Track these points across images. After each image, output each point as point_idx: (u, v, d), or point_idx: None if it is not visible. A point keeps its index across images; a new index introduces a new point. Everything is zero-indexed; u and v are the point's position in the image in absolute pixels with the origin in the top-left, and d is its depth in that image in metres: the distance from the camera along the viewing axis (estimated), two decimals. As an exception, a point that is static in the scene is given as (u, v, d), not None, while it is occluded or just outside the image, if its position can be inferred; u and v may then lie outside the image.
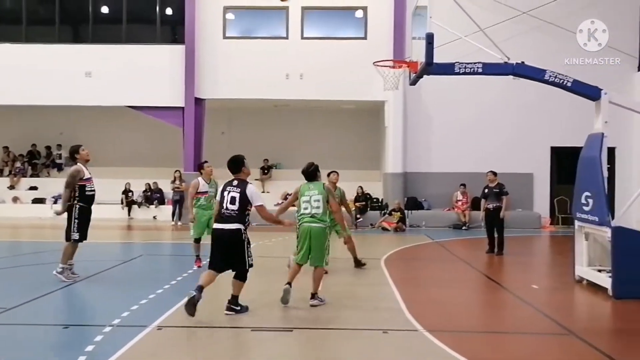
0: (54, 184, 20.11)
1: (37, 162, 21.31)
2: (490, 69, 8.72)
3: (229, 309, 6.49)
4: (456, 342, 5.49)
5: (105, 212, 17.08)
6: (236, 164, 6.65)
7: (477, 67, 8.54)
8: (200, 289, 6.22)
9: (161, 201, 18.97)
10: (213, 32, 18.14)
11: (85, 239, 8.25)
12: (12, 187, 20.23)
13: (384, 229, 16.25)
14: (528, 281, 8.97)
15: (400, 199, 17.35)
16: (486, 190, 11.86)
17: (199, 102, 18.16)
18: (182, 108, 17.99)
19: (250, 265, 6.51)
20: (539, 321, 6.57)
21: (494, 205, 11.57)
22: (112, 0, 19.09)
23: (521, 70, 8.60)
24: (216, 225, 6.46)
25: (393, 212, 16.68)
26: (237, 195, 6.39)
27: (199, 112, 18.21)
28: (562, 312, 7.09)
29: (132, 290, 7.76)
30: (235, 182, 6.56)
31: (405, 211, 17.06)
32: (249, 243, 6.49)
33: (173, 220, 17.49)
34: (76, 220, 8.10)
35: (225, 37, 18.23)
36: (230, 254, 6.39)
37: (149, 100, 18.08)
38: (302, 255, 7.16)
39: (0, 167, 21.04)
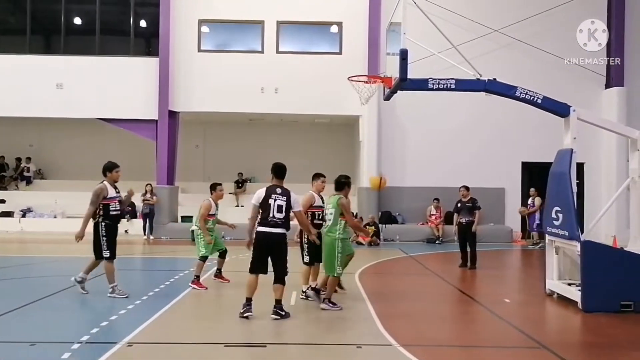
0: (22, 197, 19.68)
1: (4, 174, 20.79)
2: (463, 85, 8.87)
3: (275, 313, 6.79)
4: (430, 356, 5.51)
5: (76, 225, 16.67)
6: (283, 171, 7.15)
7: (451, 83, 8.68)
8: (249, 302, 6.86)
9: (133, 215, 18.66)
10: (188, 45, 18.05)
11: (115, 257, 8.11)
12: (-22, 200, 19.66)
13: (359, 243, 16.22)
14: (500, 295, 9.07)
15: (375, 213, 17.42)
16: (459, 205, 12.01)
17: (172, 115, 18.00)
18: (156, 121, 17.80)
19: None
20: (512, 335, 6.63)
21: (467, 219, 11.71)
22: (85, 12, 18.88)
23: (493, 87, 8.76)
24: (264, 229, 6.84)
25: (367, 226, 16.70)
26: (284, 204, 6.88)
27: (172, 125, 18.05)
28: (534, 325, 7.17)
29: (102, 306, 7.59)
30: (279, 190, 6.98)
31: (380, 225, 17.13)
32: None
33: (144, 234, 17.22)
34: (104, 238, 8.04)
35: (200, 50, 18.15)
36: (275, 257, 6.90)
37: (122, 112, 17.84)
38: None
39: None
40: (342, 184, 7.88)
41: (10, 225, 18.27)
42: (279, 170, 7.12)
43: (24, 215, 18.84)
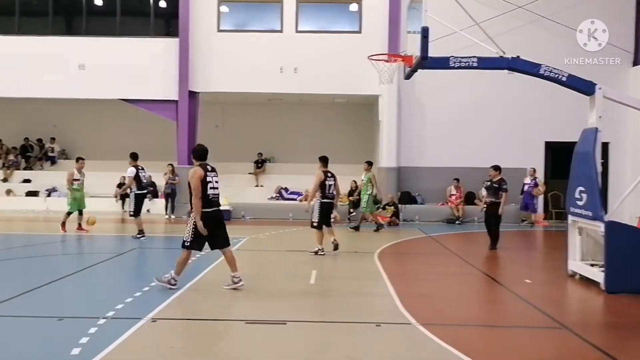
0: (47, 177, 20.03)
1: (30, 155, 21.17)
2: (486, 63, 8.73)
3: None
4: (450, 335, 5.52)
5: (100, 205, 17.01)
6: (328, 159, 10.62)
7: (472, 62, 8.55)
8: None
9: (154, 195, 18.88)
10: (207, 25, 18.02)
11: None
12: (5, 180, 20.09)
13: (378, 223, 16.24)
14: (521, 275, 9.03)
15: (394, 193, 17.37)
16: (487, 184, 11.85)
17: (192, 95, 18.07)
18: (176, 101, 17.90)
19: None
20: (532, 315, 6.61)
21: (491, 200, 11.59)
22: (106, -8, 18.95)
23: (516, 65, 8.60)
24: (327, 200, 10.37)
25: (387, 207, 16.70)
26: (334, 183, 10.58)
27: (192, 105, 18.13)
28: (555, 306, 7.13)
29: (126, 283, 7.75)
30: (329, 174, 10.47)
31: (399, 205, 17.09)
32: None
33: (166, 213, 17.43)
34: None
35: (219, 30, 18.11)
36: (329, 215, 10.63)
37: (143, 93, 17.98)
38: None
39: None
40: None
41: (36, 204, 18.65)
42: (325, 159, 10.54)
43: (49, 195, 19.18)
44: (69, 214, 12.84)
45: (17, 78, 17.87)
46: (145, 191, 13.00)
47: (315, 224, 10.40)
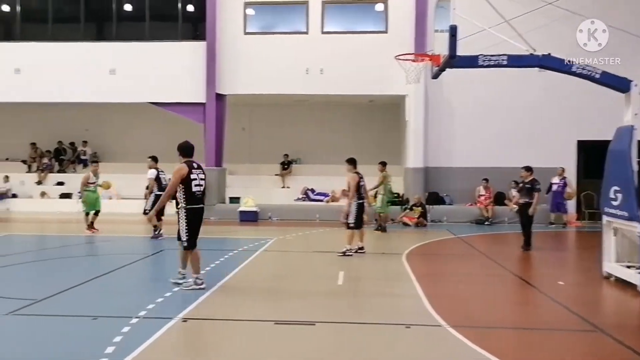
0: (80, 179, 20.43)
1: (63, 158, 21.68)
2: (516, 61, 8.59)
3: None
4: (481, 338, 5.44)
5: (129, 206, 17.32)
6: (356, 161, 10.76)
7: (502, 60, 8.43)
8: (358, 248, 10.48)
9: (183, 196, 19.13)
10: (234, 28, 18.18)
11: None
12: (39, 183, 20.62)
13: (405, 224, 16.16)
14: (554, 277, 8.85)
15: (421, 193, 17.23)
16: (520, 184, 11.73)
17: (220, 97, 18.25)
18: (204, 104, 18.10)
19: None
20: (566, 317, 6.47)
21: (524, 200, 11.43)
22: (135, -2, 19.29)
23: (548, 62, 8.45)
24: (361, 201, 10.52)
25: (414, 207, 16.57)
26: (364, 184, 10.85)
27: (220, 107, 18.31)
28: (589, 308, 6.97)
29: (157, 283, 7.86)
30: (360, 175, 10.58)
31: (427, 206, 16.94)
32: None
33: (194, 214, 17.61)
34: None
35: (245, 33, 18.25)
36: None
37: (171, 96, 18.23)
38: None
39: (28, 163, 21.44)
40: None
41: (70, 206, 19.08)
42: (353, 161, 10.68)
43: (81, 197, 19.58)
44: (87, 214, 13.53)
45: (50, 84, 18.33)
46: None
47: (352, 225, 10.42)
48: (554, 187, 16.44)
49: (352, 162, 10.66)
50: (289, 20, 18.78)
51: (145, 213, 12.45)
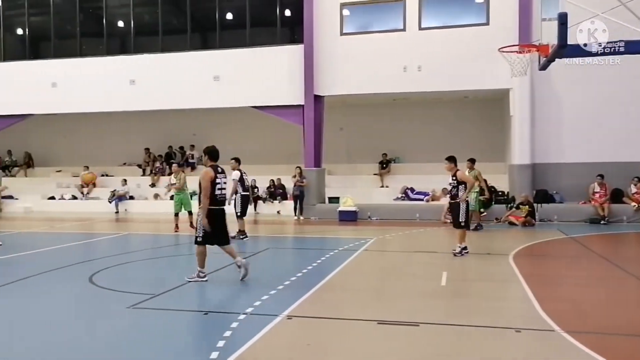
0: (188, 182, 21.68)
1: (173, 161, 23.11)
2: (635, 47, 7.94)
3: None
4: (600, 345, 5.06)
5: (228, 208, 18.02)
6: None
7: (619, 46, 7.83)
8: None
9: (284, 197, 19.67)
10: (330, 30, 18.38)
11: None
12: (153, 185, 22.16)
13: (511, 223, 15.44)
14: (683, 281, 8.04)
15: (529, 191, 16.37)
16: None
17: (318, 99, 18.52)
18: (302, 106, 18.47)
19: None
20: (700, 326, 5.84)
21: None
22: (236, 7, 20.10)
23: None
24: (453, 201, 10.26)
25: (520, 206, 15.79)
26: None
27: (318, 109, 18.58)
28: None
29: (261, 280, 8.13)
30: None
31: (535, 204, 16.07)
32: None
33: (295, 215, 18.04)
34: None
35: (342, 34, 18.39)
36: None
37: (271, 99, 18.79)
38: None
39: (143, 167, 23.13)
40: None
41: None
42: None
43: (190, 198, 20.76)
44: (175, 215, 14.48)
45: (162, 92, 19.62)
46: (248, 192, 13.35)
47: (463, 224, 10.16)
48: None
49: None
50: (386, 18, 18.64)
51: (238, 216, 12.59)
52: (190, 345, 5.23)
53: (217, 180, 7.86)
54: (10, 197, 21.80)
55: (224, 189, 8.02)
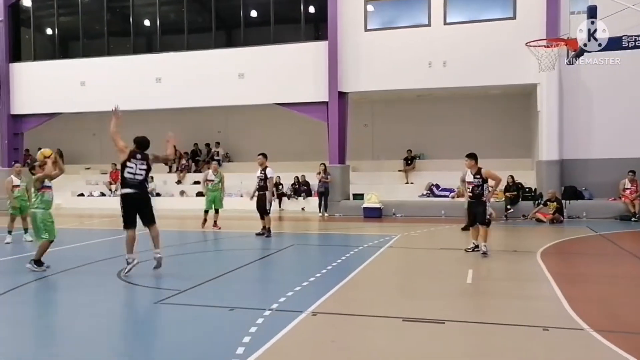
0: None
1: (199, 158, 23.38)
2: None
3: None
4: (631, 345, 4.95)
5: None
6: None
7: (651, 39, 7.60)
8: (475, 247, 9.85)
9: (308, 193, 19.72)
10: (354, 26, 18.33)
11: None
12: (179, 182, 22.44)
13: (539, 220, 15.21)
14: None
15: (557, 188, 16.10)
16: None
17: (342, 95, 18.50)
18: (326, 102, 18.46)
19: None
20: None
21: None
22: (260, 4, 20.19)
23: None
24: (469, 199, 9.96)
25: (548, 203, 15.53)
26: None
27: (342, 105, 18.56)
28: None
29: (286, 277, 8.16)
30: None
31: (563, 201, 15.79)
32: None
33: (320, 211, 18.06)
34: None
35: (366, 30, 18.32)
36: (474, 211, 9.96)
37: (295, 96, 18.84)
38: None
39: (169, 164, 23.39)
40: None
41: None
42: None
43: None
44: (205, 212, 14.28)
45: (186, 90, 19.84)
46: (265, 191, 12.79)
47: (488, 221, 9.92)
48: None
49: (474, 157, 9.80)
50: (410, 13, 18.51)
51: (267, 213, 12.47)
52: (217, 341, 5.28)
53: (129, 164, 8.08)
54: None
55: (137, 174, 8.11)
